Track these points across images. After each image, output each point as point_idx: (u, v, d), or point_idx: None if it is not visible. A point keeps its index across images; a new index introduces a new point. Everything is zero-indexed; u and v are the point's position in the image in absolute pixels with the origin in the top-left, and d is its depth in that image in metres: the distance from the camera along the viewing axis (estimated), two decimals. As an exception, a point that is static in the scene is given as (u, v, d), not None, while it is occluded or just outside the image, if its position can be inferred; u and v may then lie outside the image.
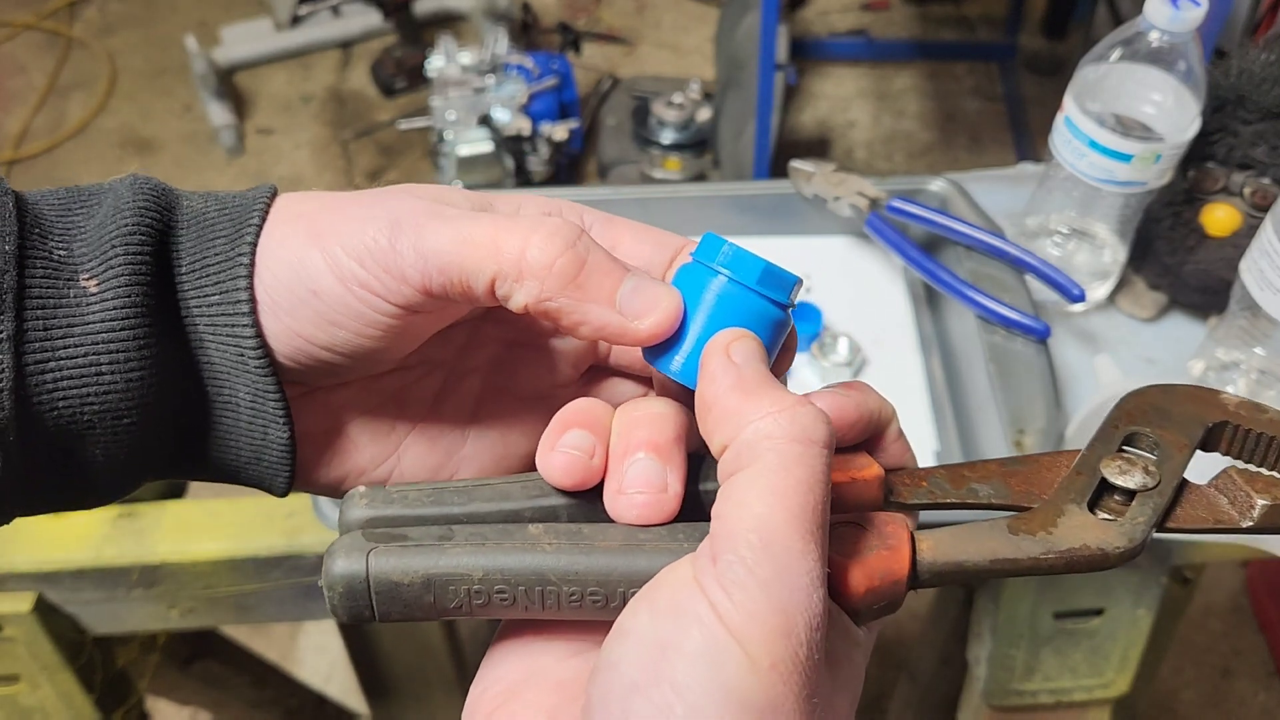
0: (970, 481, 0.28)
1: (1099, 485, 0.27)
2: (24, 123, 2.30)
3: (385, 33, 2.38)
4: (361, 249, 0.27)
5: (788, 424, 0.24)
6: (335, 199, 0.29)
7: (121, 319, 0.26)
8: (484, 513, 0.27)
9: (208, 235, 0.28)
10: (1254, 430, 0.27)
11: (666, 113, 1.92)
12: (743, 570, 0.22)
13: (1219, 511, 0.27)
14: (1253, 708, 1.46)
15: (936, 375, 0.78)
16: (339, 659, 1.41)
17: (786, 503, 0.23)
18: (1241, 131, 0.73)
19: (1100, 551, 0.26)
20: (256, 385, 0.28)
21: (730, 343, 0.27)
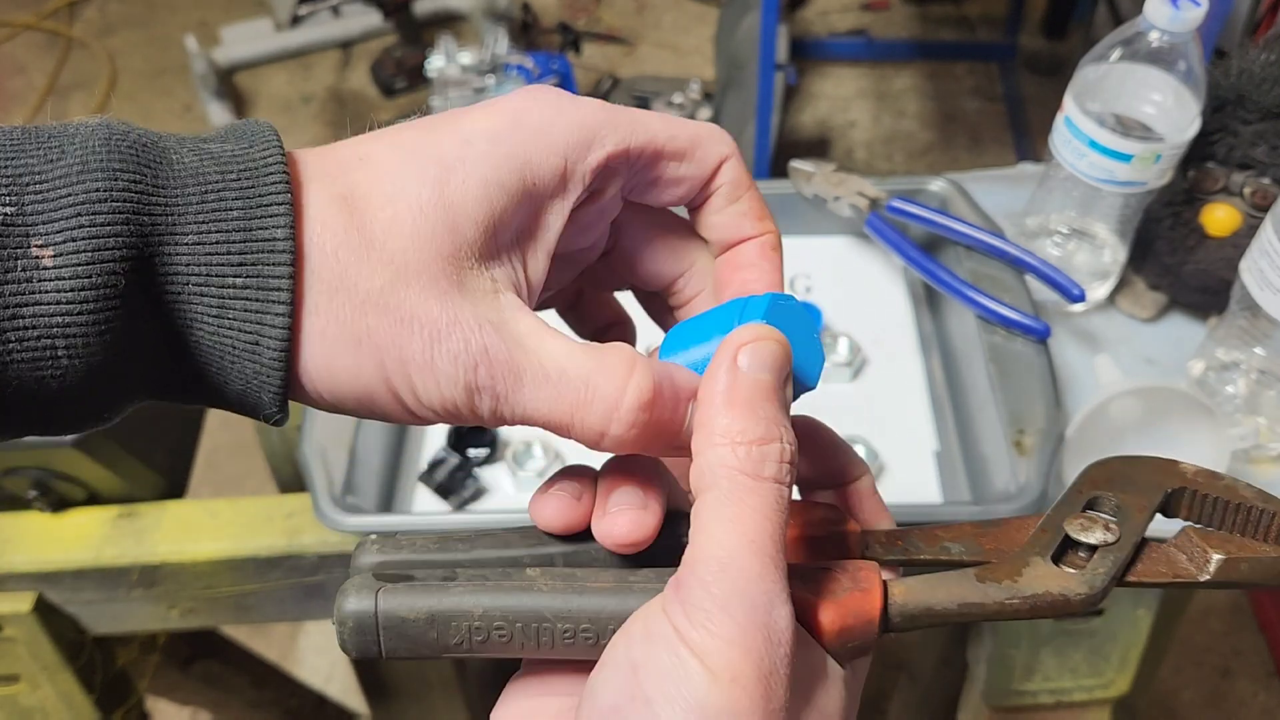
0: (943, 540, 0.30)
1: (1062, 541, 0.29)
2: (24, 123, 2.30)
3: (385, 33, 2.38)
4: (435, 402, 0.26)
5: (744, 458, 0.25)
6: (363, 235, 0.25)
7: (80, 301, 0.23)
8: (486, 559, 0.29)
9: (211, 201, 0.24)
10: (1210, 495, 0.29)
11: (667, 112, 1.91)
12: (702, 593, 0.24)
13: (1177, 567, 0.28)
14: (1252, 708, 1.46)
15: (936, 375, 0.78)
16: (339, 659, 1.41)
17: (742, 529, 0.24)
18: (1241, 131, 0.73)
19: (1062, 597, 0.27)
20: (264, 384, 0.25)
21: (744, 344, 0.26)
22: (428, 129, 0.27)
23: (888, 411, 0.75)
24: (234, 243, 0.24)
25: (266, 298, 0.24)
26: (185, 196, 0.24)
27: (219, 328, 0.25)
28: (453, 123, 0.27)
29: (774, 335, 0.27)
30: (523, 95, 0.28)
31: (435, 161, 0.26)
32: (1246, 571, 0.28)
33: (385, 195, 0.26)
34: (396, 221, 0.25)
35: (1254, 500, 0.29)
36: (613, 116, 0.28)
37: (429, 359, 0.25)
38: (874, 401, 0.76)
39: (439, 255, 0.26)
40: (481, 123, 0.27)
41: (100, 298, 0.23)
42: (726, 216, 0.30)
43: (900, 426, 0.74)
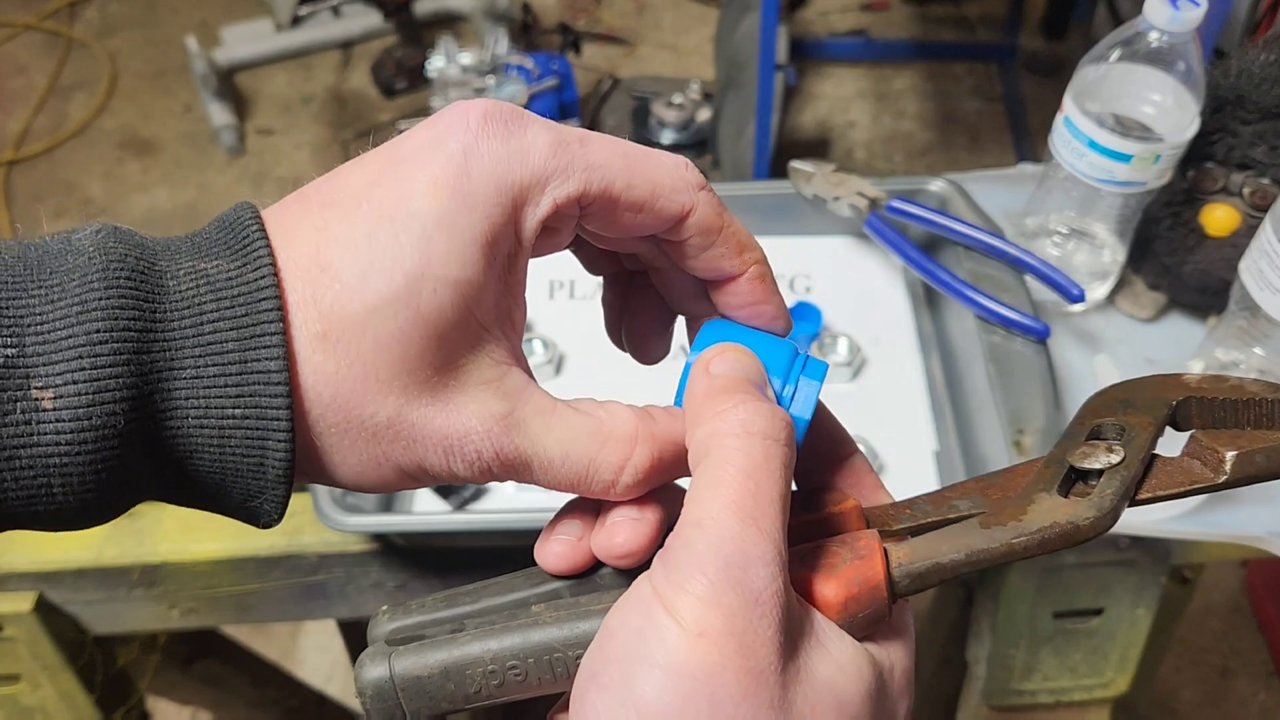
0: (950, 500, 0.29)
1: (1067, 474, 0.28)
2: (24, 123, 2.30)
3: (385, 33, 2.39)
4: (458, 482, 0.28)
5: (729, 420, 0.26)
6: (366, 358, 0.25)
7: (79, 443, 0.23)
8: (493, 606, 0.30)
9: (206, 334, 0.24)
10: (1218, 398, 0.28)
11: (666, 113, 1.92)
12: (683, 552, 0.24)
13: (1192, 474, 0.27)
14: (1252, 707, 1.46)
15: (936, 375, 0.78)
16: (339, 659, 1.41)
17: (725, 491, 0.25)
18: (1241, 132, 0.73)
19: (1071, 525, 0.26)
20: (266, 498, 0.27)
21: (712, 358, 0.28)
22: (379, 209, 0.26)
23: (887, 411, 0.75)
24: (230, 375, 0.25)
25: (266, 427, 0.25)
26: (182, 330, 0.24)
27: (221, 454, 0.25)
28: (402, 193, 0.26)
29: (738, 347, 0.29)
30: (468, 142, 0.26)
31: (400, 272, 0.25)
32: (1263, 463, 0.27)
33: (359, 321, 0.25)
34: (380, 348, 0.25)
35: (1263, 393, 0.28)
36: (566, 161, 0.27)
37: (446, 466, 0.27)
38: (874, 401, 0.76)
39: (433, 368, 0.26)
40: (435, 190, 0.26)
41: (99, 438, 0.23)
42: (703, 262, 0.30)
43: (900, 426, 0.74)
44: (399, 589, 0.75)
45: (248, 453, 0.25)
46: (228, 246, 0.26)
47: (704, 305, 0.32)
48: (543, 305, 0.81)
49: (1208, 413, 0.28)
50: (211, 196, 2.16)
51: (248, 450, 0.25)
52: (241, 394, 0.25)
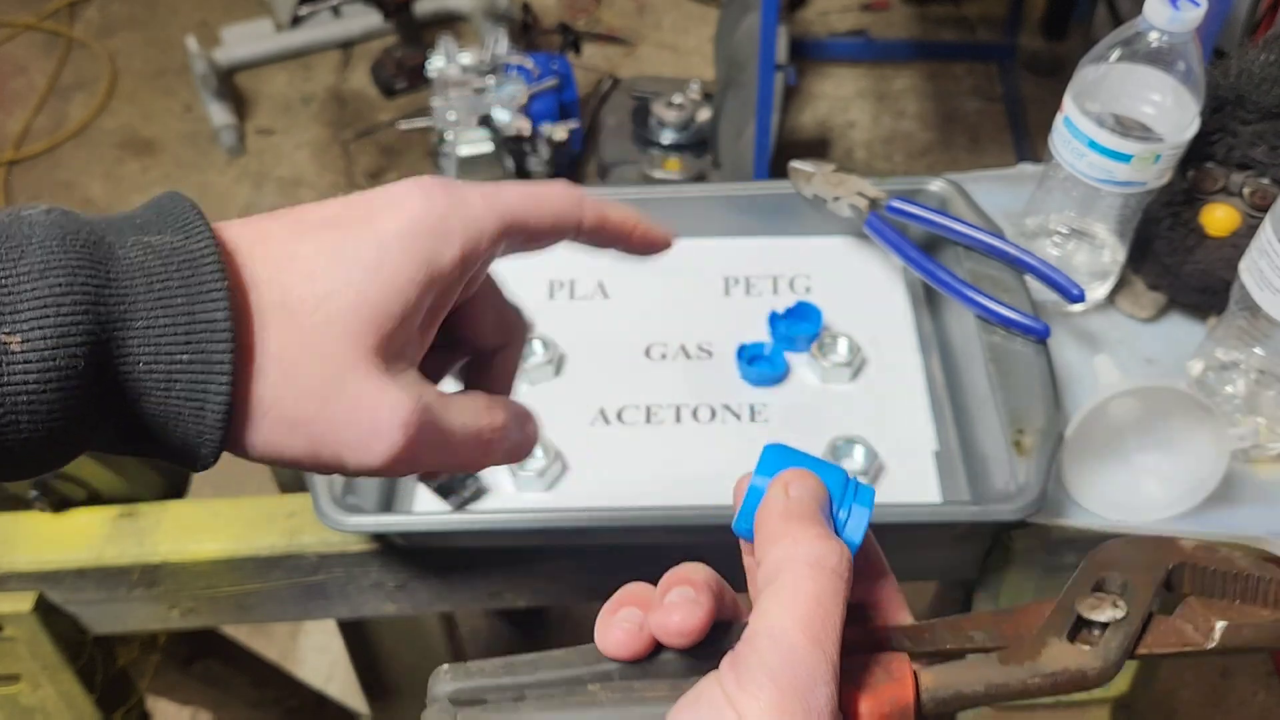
0: (967, 630, 0.32)
1: (1075, 621, 0.31)
2: (24, 123, 2.30)
3: (385, 33, 2.39)
4: (361, 471, 0.32)
5: (805, 550, 0.29)
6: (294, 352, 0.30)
7: (44, 382, 0.26)
8: (550, 679, 0.31)
9: (157, 290, 0.28)
10: (1209, 568, 0.31)
11: (666, 113, 1.92)
12: (755, 661, 0.27)
13: (1184, 637, 0.31)
14: (1252, 707, 1.46)
15: (936, 375, 0.78)
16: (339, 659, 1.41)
17: (795, 611, 0.28)
18: (1241, 132, 0.73)
19: (1080, 673, 0.30)
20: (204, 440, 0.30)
21: (791, 480, 0.32)
22: (347, 228, 0.31)
23: (887, 411, 0.75)
24: (179, 324, 0.28)
25: (209, 370, 0.29)
26: (134, 287, 0.28)
27: (166, 398, 0.29)
28: (367, 223, 0.32)
29: (813, 475, 0.32)
30: (419, 195, 0.32)
31: (358, 265, 0.31)
32: (1249, 636, 0.30)
33: (317, 298, 0.30)
34: (329, 323, 0.30)
35: (1250, 569, 0.31)
36: (492, 206, 0.33)
37: (366, 436, 0.31)
38: (873, 401, 0.76)
39: (367, 349, 0.31)
40: (391, 224, 0.32)
41: (61, 378, 0.27)
42: (606, 239, 0.38)
43: (899, 426, 0.74)
44: (399, 589, 0.75)
45: (191, 395, 0.29)
46: (168, 225, 0.30)
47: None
48: (543, 305, 0.81)
49: (1199, 580, 0.32)
50: (212, 196, 2.16)
51: (191, 393, 0.29)
52: (190, 341, 0.28)
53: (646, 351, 0.79)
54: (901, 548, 0.73)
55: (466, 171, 1.84)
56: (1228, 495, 0.69)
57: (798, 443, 0.33)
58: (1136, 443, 0.71)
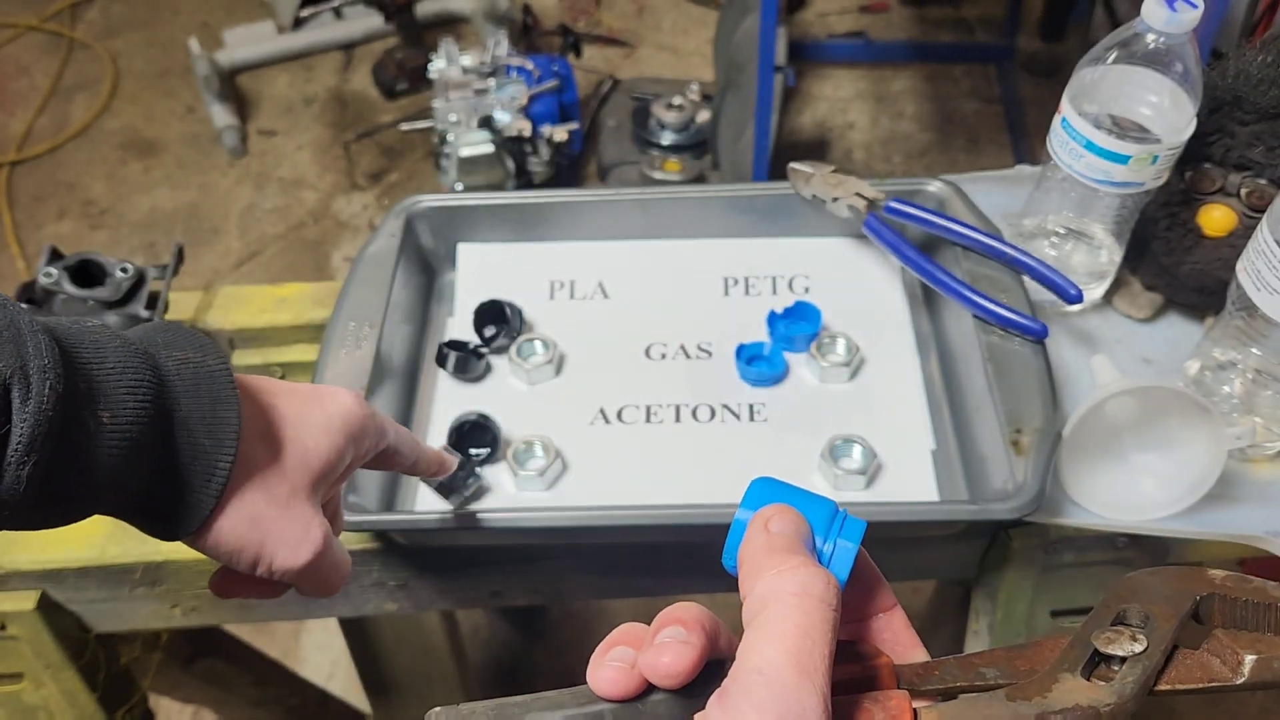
0: (978, 666, 0.31)
1: (1091, 656, 0.29)
2: (27, 124, 2.31)
3: (387, 35, 2.39)
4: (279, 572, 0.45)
5: (790, 580, 0.29)
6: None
7: (123, 446, 0.37)
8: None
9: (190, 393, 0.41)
10: (1240, 599, 0.30)
11: (666, 114, 1.92)
12: (742, 698, 0.26)
13: (1211, 671, 0.29)
14: (1250, 706, 1.46)
15: (934, 375, 0.78)
16: (341, 657, 1.41)
17: (784, 643, 0.27)
18: (1238, 132, 0.73)
19: (1092, 710, 0.28)
20: (198, 514, 0.41)
21: (771, 516, 0.31)
22: (309, 401, 0.46)
23: (885, 411, 0.76)
24: (205, 418, 0.41)
25: (219, 453, 0.41)
26: (174, 388, 0.40)
27: (191, 470, 0.40)
28: (320, 403, 0.46)
29: (791, 510, 0.32)
30: (352, 401, 0.48)
31: (315, 428, 0.45)
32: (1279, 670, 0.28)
33: (288, 440, 0.44)
34: (293, 458, 0.44)
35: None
36: (380, 427, 0.50)
37: (298, 541, 0.43)
38: (872, 401, 0.76)
39: (310, 485, 0.45)
40: (337, 410, 0.47)
41: (133, 446, 0.38)
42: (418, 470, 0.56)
43: (898, 426, 0.75)
44: (400, 587, 0.76)
45: (204, 471, 0.41)
46: (186, 344, 0.42)
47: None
48: (543, 305, 0.81)
49: (1229, 611, 0.30)
50: (213, 197, 2.17)
51: (205, 469, 0.41)
52: (211, 432, 0.41)
53: (646, 351, 0.79)
54: (899, 547, 0.74)
55: (467, 172, 1.85)
56: (1225, 494, 0.69)
57: (797, 442, 0.33)
58: (1134, 442, 0.71)
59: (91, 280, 0.79)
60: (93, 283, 0.78)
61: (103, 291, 0.78)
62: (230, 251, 2.07)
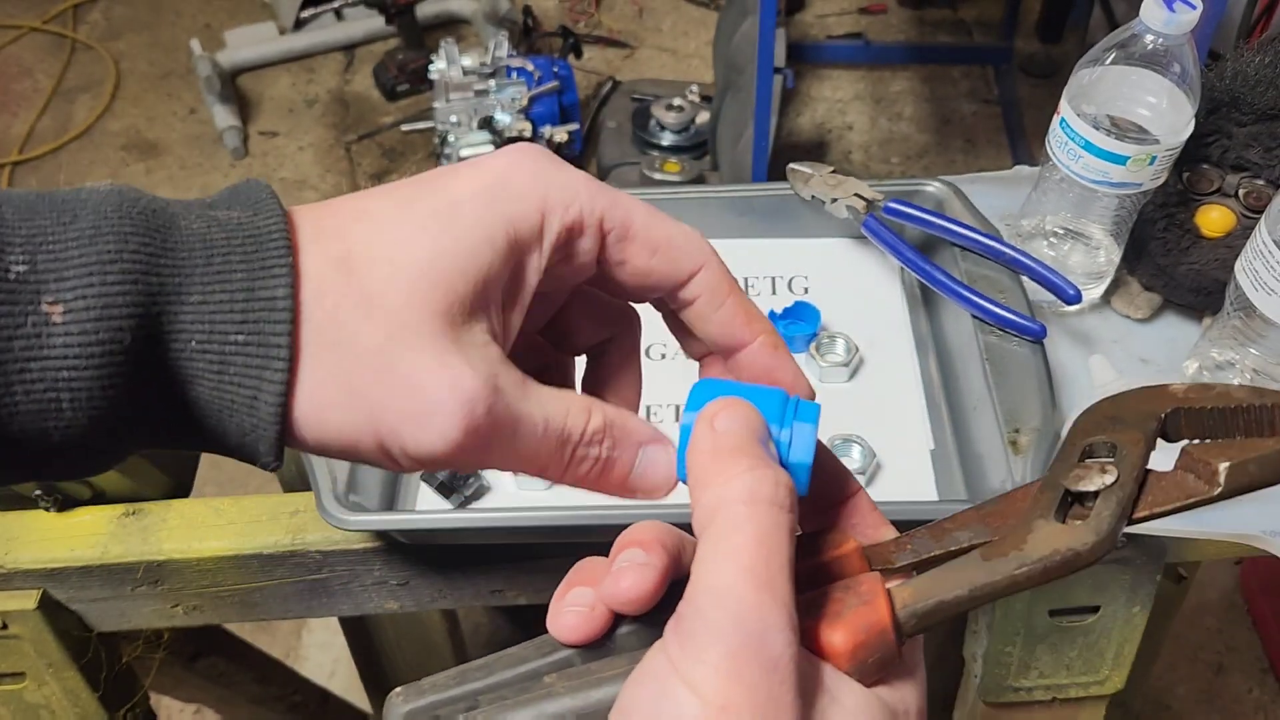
0: (951, 531, 0.29)
1: (1064, 498, 0.28)
2: (29, 125, 2.31)
3: (388, 36, 2.39)
4: (423, 456, 0.27)
5: (737, 487, 0.26)
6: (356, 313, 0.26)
7: (86, 356, 0.24)
8: (505, 680, 0.29)
9: (216, 264, 0.26)
10: (1206, 407, 0.28)
11: (666, 116, 1.92)
12: (698, 622, 0.24)
13: (1186, 488, 0.27)
14: (1246, 704, 1.47)
15: (932, 375, 0.79)
16: (343, 656, 1.42)
17: (739, 559, 0.24)
18: (1236, 133, 0.73)
19: (1072, 552, 0.26)
20: (260, 435, 0.27)
21: (717, 412, 0.28)
22: (421, 185, 0.28)
23: (884, 411, 0.76)
24: (237, 302, 0.26)
25: (266, 354, 0.26)
26: (192, 259, 0.26)
27: (220, 383, 0.26)
28: (445, 180, 0.28)
29: (741, 402, 0.28)
30: (510, 154, 0.29)
31: (431, 218, 0.27)
32: (1256, 472, 0.27)
33: (383, 253, 0.27)
34: (394, 279, 0.26)
35: (1250, 399, 0.27)
36: (595, 187, 0.29)
37: (428, 418, 0.27)
38: (870, 401, 0.77)
39: (434, 312, 0.27)
40: (471, 183, 0.28)
41: (106, 353, 0.24)
42: (713, 324, 0.31)
43: (896, 426, 0.75)
44: (401, 586, 0.76)
45: (244, 381, 0.26)
46: (239, 203, 0.27)
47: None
48: (544, 305, 0.82)
49: (1197, 423, 0.28)
50: (213, 198, 2.17)
51: (244, 379, 0.26)
52: (246, 319, 0.25)
53: (646, 351, 0.80)
54: (899, 546, 0.74)
55: (468, 173, 1.85)
56: (1222, 493, 0.69)
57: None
58: (1131, 441, 0.71)
59: (94, 280, 0.79)
60: (95, 283, 0.78)
61: (105, 292, 0.78)
62: (231, 252, 2.07)
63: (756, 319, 0.31)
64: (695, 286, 0.30)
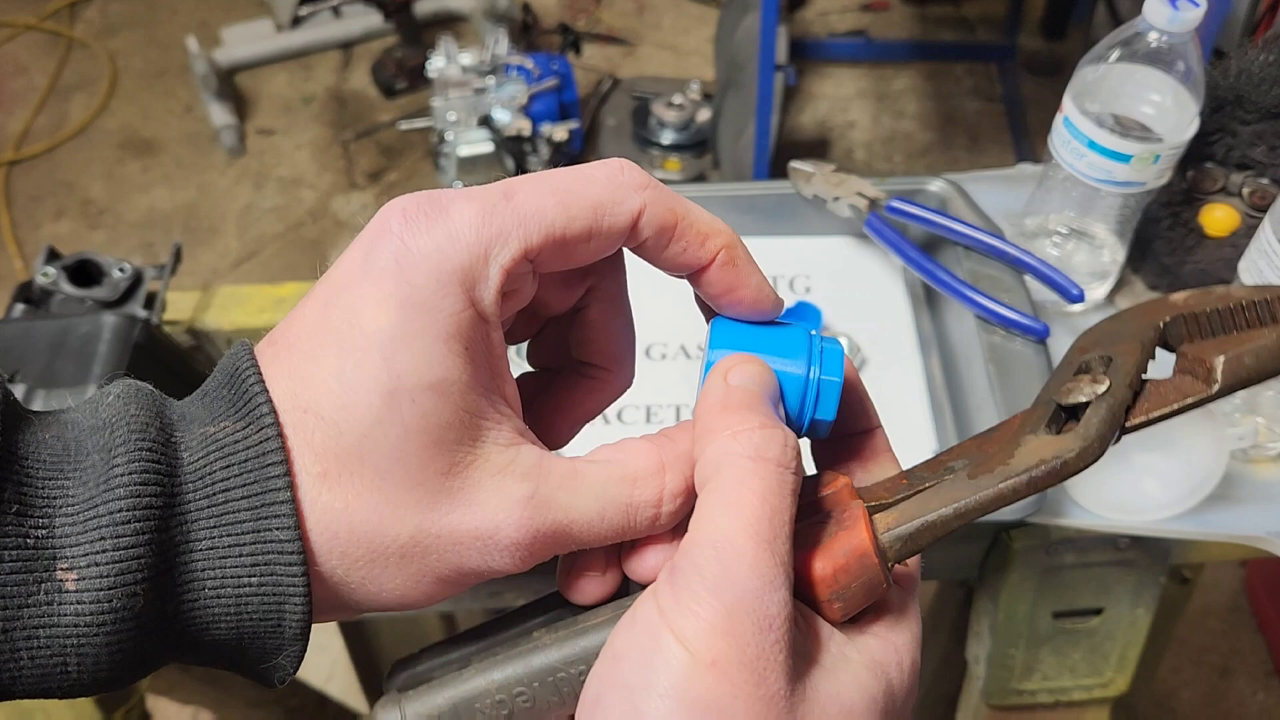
0: (946, 463, 0.28)
1: (1055, 413, 0.27)
2: (25, 123, 2.30)
3: (386, 33, 2.39)
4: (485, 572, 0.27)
5: (745, 443, 0.26)
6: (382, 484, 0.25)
7: (98, 625, 0.23)
8: (497, 640, 0.29)
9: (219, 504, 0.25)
10: (1204, 310, 0.27)
11: (666, 113, 1.92)
12: (694, 576, 0.24)
13: (1183, 389, 0.26)
14: (1251, 707, 1.46)
15: (936, 375, 0.78)
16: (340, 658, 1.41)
17: (740, 514, 0.24)
18: (1240, 132, 0.73)
19: (1058, 460, 0.25)
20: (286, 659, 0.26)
21: (731, 367, 0.28)
22: (337, 343, 0.25)
23: (887, 411, 0.74)
24: (245, 546, 0.25)
25: (283, 593, 0.25)
26: (197, 502, 0.25)
27: (239, 622, 0.25)
28: (353, 320, 0.25)
29: (754, 359, 0.28)
30: (396, 247, 0.25)
31: (376, 395, 0.25)
32: (1252, 364, 0.26)
33: (354, 452, 0.25)
34: (381, 471, 0.25)
35: (1249, 296, 0.26)
36: (498, 226, 0.26)
37: (485, 564, 0.26)
38: (873, 400, 0.76)
39: (440, 474, 0.25)
40: (381, 318, 0.25)
41: (118, 619, 0.23)
42: (667, 260, 0.29)
43: (899, 425, 0.75)
44: (399, 589, 0.75)
45: (265, 616, 0.25)
46: (232, 405, 0.26)
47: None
48: (543, 305, 0.81)
49: (1197, 327, 0.27)
50: (212, 197, 2.16)
51: (264, 614, 0.25)
52: (257, 563, 0.25)
53: (646, 351, 0.79)
54: (901, 547, 0.73)
55: (466, 172, 1.84)
56: (1227, 495, 0.69)
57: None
58: (1136, 443, 0.71)
59: (89, 280, 0.78)
60: (90, 282, 0.78)
61: (100, 291, 0.77)
62: (228, 251, 2.06)
63: (710, 235, 0.29)
64: (640, 233, 0.28)
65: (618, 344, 0.33)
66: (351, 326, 0.25)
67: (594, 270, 0.31)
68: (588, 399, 0.33)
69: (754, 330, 0.30)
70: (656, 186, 0.28)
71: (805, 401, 0.29)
